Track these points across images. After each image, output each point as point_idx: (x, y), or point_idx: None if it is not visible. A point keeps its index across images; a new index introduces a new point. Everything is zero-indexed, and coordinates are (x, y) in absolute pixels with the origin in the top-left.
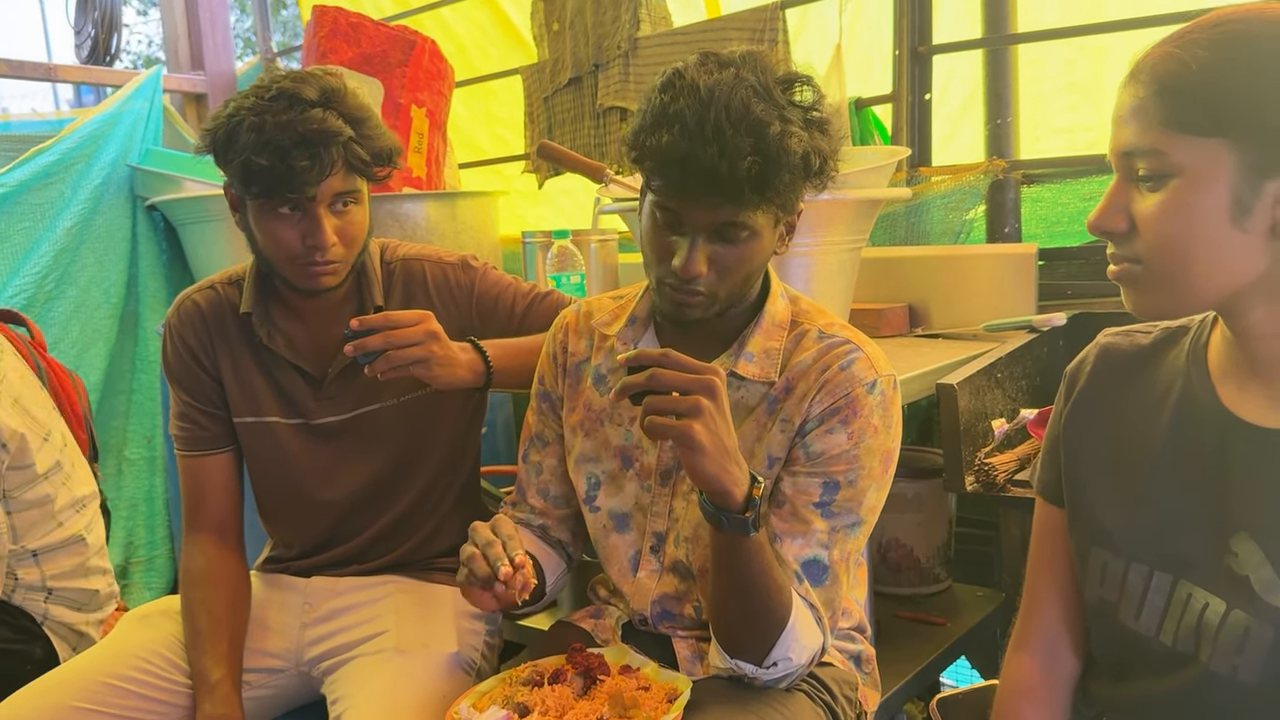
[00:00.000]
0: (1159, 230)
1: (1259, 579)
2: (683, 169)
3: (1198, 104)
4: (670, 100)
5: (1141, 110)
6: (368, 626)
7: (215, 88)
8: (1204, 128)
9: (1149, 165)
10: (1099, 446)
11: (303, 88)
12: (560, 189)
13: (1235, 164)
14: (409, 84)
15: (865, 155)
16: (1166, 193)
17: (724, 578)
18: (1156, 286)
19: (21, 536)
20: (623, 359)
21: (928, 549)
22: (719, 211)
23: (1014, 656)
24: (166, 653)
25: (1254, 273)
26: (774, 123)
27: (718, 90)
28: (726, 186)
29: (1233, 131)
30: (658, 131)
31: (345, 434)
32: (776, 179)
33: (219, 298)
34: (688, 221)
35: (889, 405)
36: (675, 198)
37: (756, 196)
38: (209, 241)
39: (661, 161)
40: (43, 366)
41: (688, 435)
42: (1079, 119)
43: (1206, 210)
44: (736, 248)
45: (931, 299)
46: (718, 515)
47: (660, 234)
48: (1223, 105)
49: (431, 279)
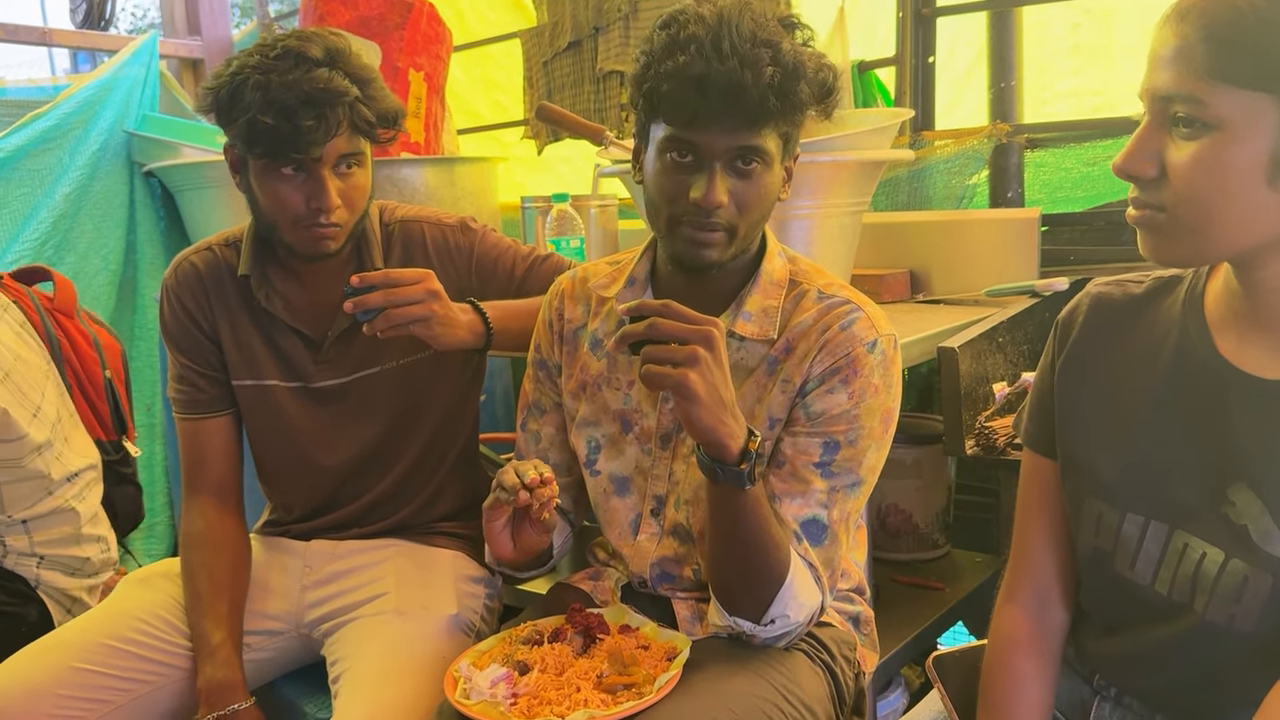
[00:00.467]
0: (1191, 181)
1: (1258, 528)
2: (701, 90)
3: (1248, 55)
4: (678, 30)
5: (1185, 54)
6: (368, 589)
7: (212, 53)
8: (1252, 80)
9: (1188, 112)
10: (1093, 397)
11: (308, 46)
12: (560, 156)
13: (1278, 120)
14: (407, 48)
15: (868, 117)
16: (1203, 144)
17: (721, 533)
18: (1180, 236)
19: (9, 506)
20: (624, 309)
21: (927, 515)
22: (737, 135)
23: (1003, 608)
24: (166, 615)
25: (1277, 230)
26: (784, 40)
27: (725, 14)
28: (751, 99)
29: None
30: (672, 57)
31: (345, 397)
32: (797, 88)
33: (216, 259)
34: (704, 151)
35: (890, 365)
36: (692, 126)
37: (780, 106)
38: (207, 208)
39: (679, 84)
40: (55, 335)
41: (683, 384)
42: (1084, 83)
43: (1243, 166)
44: (750, 181)
45: (933, 264)
46: (714, 468)
47: (672, 174)
48: (1272, 58)
49: (431, 240)
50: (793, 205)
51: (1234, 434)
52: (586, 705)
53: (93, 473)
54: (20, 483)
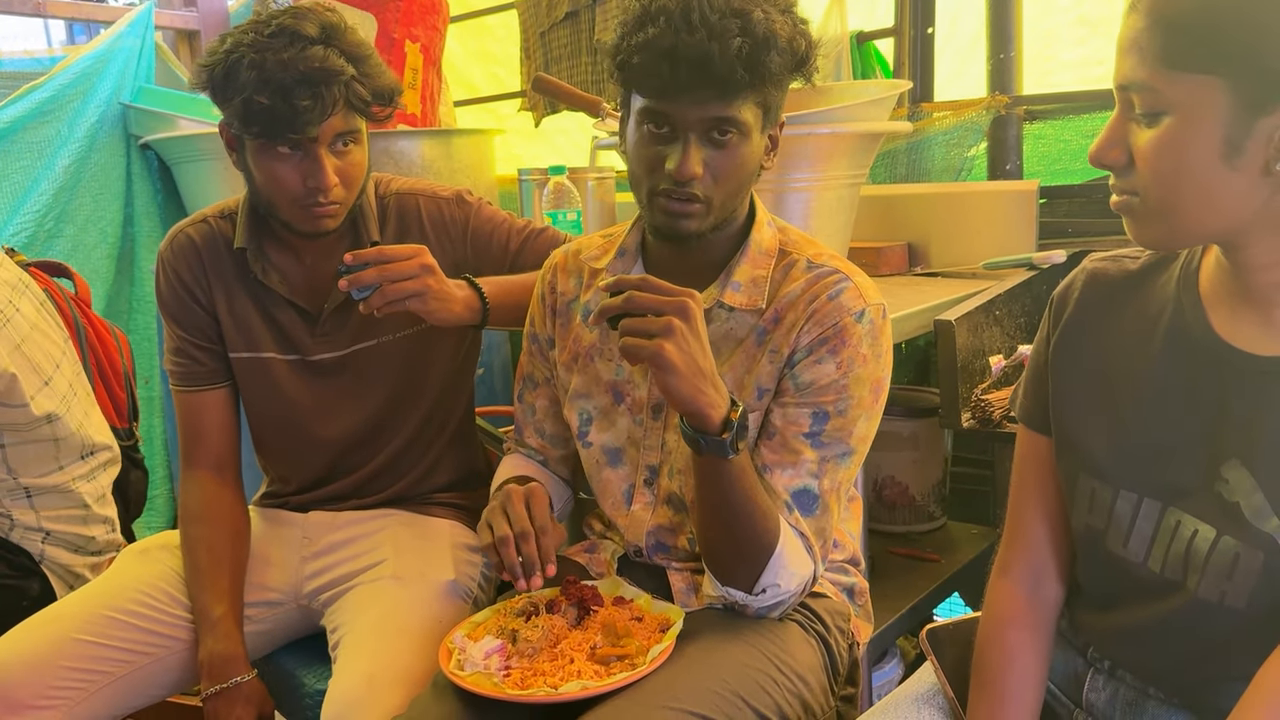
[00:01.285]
0: (1154, 166)
1: (1249, 505)
2: (672, 61)
3: (1192, 40)
4: (651, 1)
5: (1138, 43)
6: (366, 558)
7: (208, 25)
8: (1198, 64)
9: (1144, 101)
10: (1087, 373)
11: (303, 24)
12: (557, 128)
13: (1228, 102)
14: (403, 18)
15: (866, 89)
16: (1160, 129)
17: (708, 502)
18: (1154, 219)
19: (16, 470)
20: (603, 285)
21: (923, 487)
22: (709, 106)
23: (998, 583)
24: (167, 587)
25: (1249, 209)
26: (755, 10)
27: None
28: (719, 70)
29: (1225, 69)
30: (643, 29)
31: (342, 370)
32: (767, 59)
33: (212, 231)
34: (678, 123)
35: (878, 334)
36: (664, 97)
37: (748, 77)
38: (203, 180)
39: (649, 57)
40: (81, 324)
41: (659, 355)
42: (1089, 53)
43: (1199, 148)
44: (727, 151)
45: (931, 237)
46: (696, 438)
47: (649, 145)
48: (1217, 42)
49: (426, 213)
50: (790, 177)
51: (1227, 411)
52: (580, 676)
53: (108, 454)
54: (27, 445)
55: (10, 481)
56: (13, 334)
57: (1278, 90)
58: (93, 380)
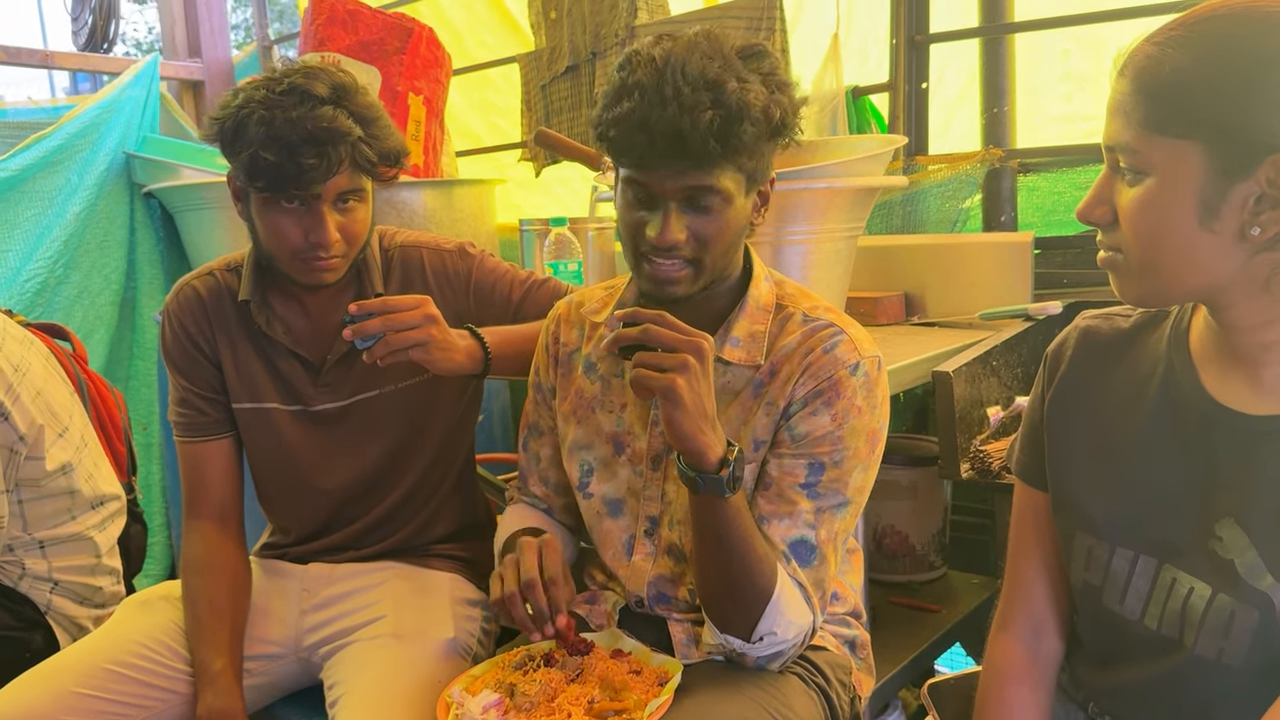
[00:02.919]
0: (1134, 225)
1: (1244, 563)
2: (646, 134)
3: (1169, 106)
4: (627, 75)
5: (1122, 107)
6: (365, 612)
7: (212, 75)
8: (1175, 130)
9: (1127, 161)
10: (1082, 431)
11: (314, 83)
12: (557, 178)
13: (1204, 167)
14: (406, 72)
15: (862, 143)
16: (1142, 189)
17: (705, 544)
18: (1136, 277)
19: (32, 525)
20: (619, 314)
21: (923, 536)
22: (686, 176)
23: (998, 638)
24: (167, 639)
25: (1226, 272)
26: (730, 80)
27: (672, 57)
28: (691, 144)
29: (1201, 135)
30: (619, 103)
31: (344, 420)
32: (739, 130)
33: (218, 284)
34: (658, 192)
35: (873, 386)
36: (642, 168)
37: (721, 149)
38: (206, 228)
39: (625, 130)
40: (83, 379)
41: (671, 388)
42: (1075, 108)
43: (1176, 211)
44: (710, 216)
45: (928, 287)
46: (694, 477)
47: (633, 212)
48: (1192, 108)
49: (429, 265)
50: (788, 230)
51: (1219, 469)
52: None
53: (116, 504)
54: (43, 500)
55: (25, 537)
56: (33, 384)
57: (1251, 157)
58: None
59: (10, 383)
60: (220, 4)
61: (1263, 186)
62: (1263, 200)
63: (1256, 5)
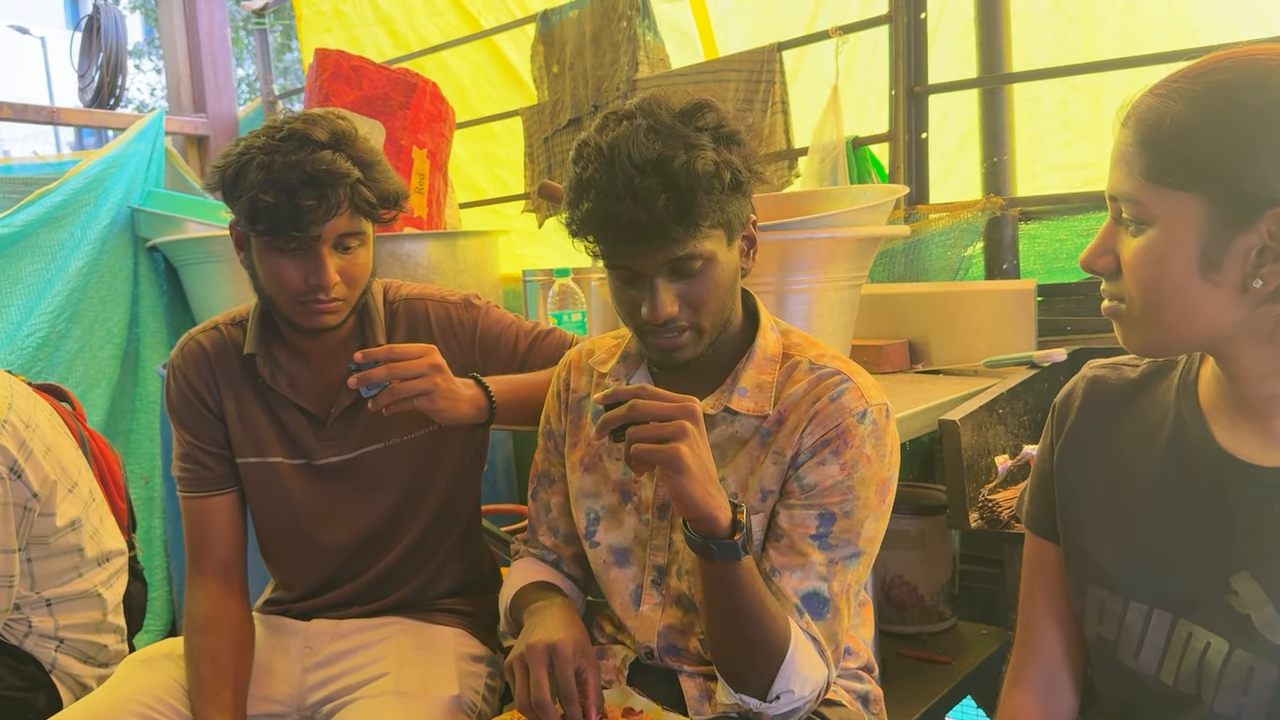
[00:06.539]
0: (1136, 275)
1: (1261, 617)
2: (611, 229)
3: (1171, 158)
4: (582, 170)
5: (1125, 157)
6: (369, 669)
7: (217, 130)
8: (1176, 181)
9: (1130, 212)
10: (1092, 482)
11: (314, 129)
12: (560, 229)
13: (1206, 218)
14: (410, 126)
15: (864, 193)
16: (1144, 239)
17: (717, 608)
18: (1141, 327)
19: (40, 584)
20: (598, 398)
21: (932, 586)
22: (662, 253)
23: (1011, 693)
24: (168, 698)
25: (1229, 323)
26: (677, 154)
27: (618, 144)
28: (653, 232)
29: (1202, 187)
30: (580, 203)
31: (348, 474)
32: (696, 204)
33: (222, 338)
34: (641, 271)
35: (881, 434)
36: (618, 256)
37: (684, 228)
38: (209, 282)
39: (592, 228)
40: (85, 437)
41: (675, 457)
42: (1074, 156)
43: (1178, 261)
44: (696, 279)
45: (932, 335)
46: (706, 545)
47: (623, 291)
48: (1193, 160)
49: (434, 317)
50: (792, 280)
51: (1232, 522)
52: None
53: (121, 559)
54: (52, 558)
55: (33, 595)
56: (43, 439)
57: (1253, 210)
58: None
59: (24, 439)
60: (225, 59)
61: (1264, 239)
62: (1265, 253)
63: (1258, 58)
